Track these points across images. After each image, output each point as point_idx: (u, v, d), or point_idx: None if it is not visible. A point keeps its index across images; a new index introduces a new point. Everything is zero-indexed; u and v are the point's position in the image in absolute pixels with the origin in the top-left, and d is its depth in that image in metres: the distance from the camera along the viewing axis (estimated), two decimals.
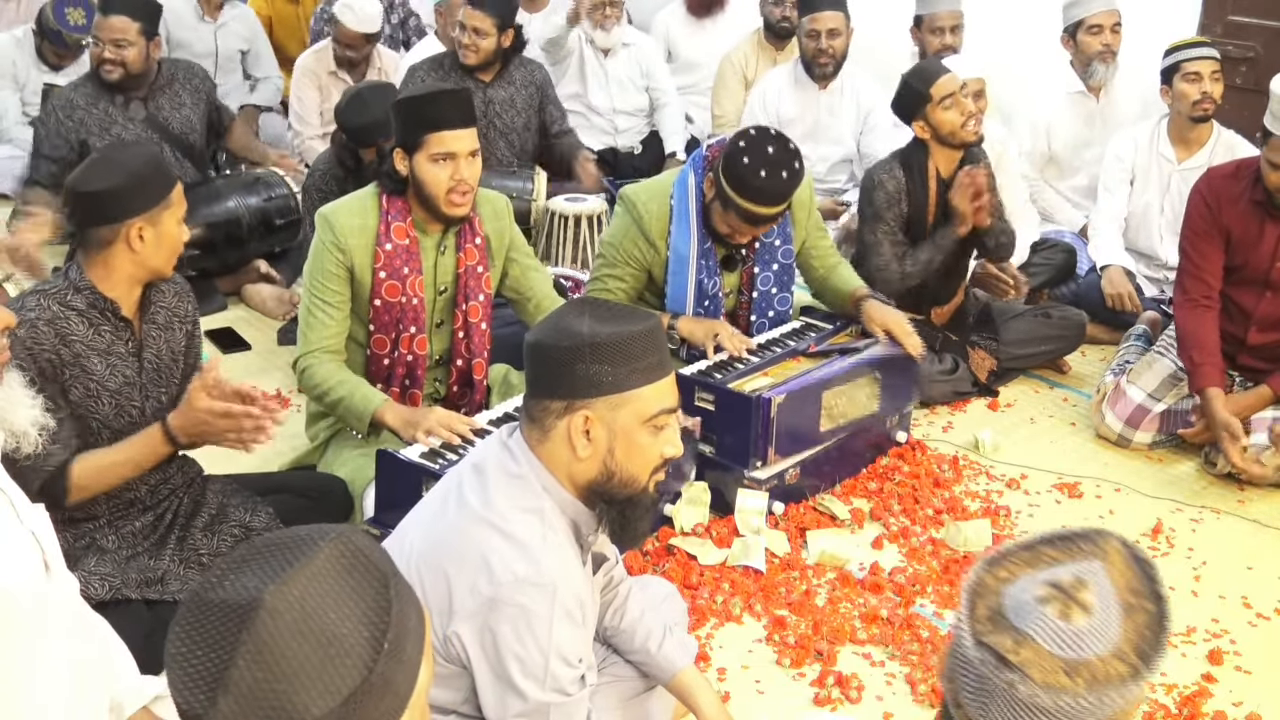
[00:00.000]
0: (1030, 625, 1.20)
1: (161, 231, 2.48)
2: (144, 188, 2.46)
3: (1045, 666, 1.18)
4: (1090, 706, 1.17)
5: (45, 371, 2.43)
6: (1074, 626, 1.19)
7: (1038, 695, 1.18)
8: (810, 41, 5.00)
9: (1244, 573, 3.21)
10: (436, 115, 2.87)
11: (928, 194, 3.91)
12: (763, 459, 3.20)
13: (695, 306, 3.47)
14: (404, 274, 2.99)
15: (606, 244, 3.53)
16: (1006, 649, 1.20)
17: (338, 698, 1.05)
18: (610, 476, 1.89)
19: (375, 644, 1.08)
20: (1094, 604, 1.20)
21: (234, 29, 5.93)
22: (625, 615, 2.27)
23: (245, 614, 1.05)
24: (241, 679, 1.04)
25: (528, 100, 4.97)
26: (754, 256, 3.51)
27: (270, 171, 4.78)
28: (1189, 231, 3.72)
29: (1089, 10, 4.70)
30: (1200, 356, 3.60)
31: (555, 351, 1.86)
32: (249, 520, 2.78)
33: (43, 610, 1.70)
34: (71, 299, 2.48)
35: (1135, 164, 4.45)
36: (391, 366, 3.07)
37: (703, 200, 3.39)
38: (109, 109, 4.46)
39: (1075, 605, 1.20)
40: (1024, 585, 1.23)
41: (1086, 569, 1.22)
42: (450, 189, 2.90)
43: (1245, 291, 3.66)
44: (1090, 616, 1.19)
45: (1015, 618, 1.21)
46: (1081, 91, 4.82)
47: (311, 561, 1.09)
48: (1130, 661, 1.18)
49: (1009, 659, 1.20)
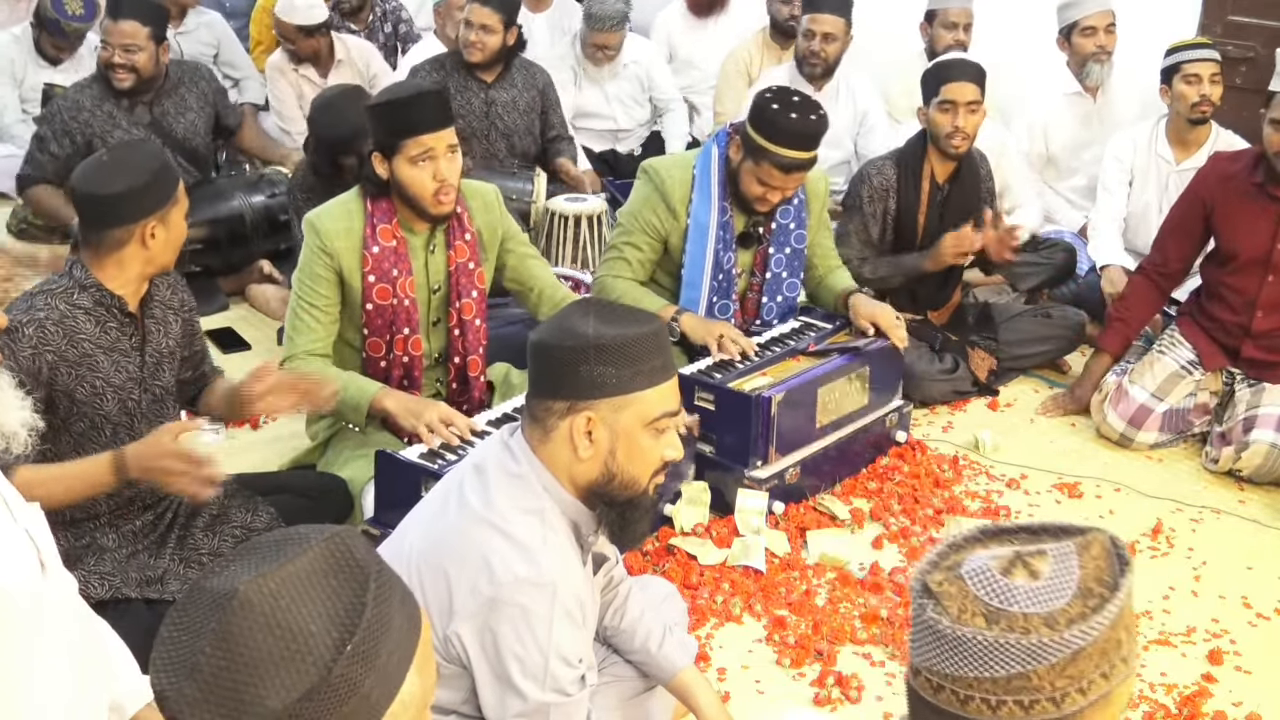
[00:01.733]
0: (967, 569, 1.21)
1: (171, 228, 2.51)
2: (156, 187, 2.48)
3: (965, 606, 1.18)
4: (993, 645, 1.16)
5: (42, 373, 2.43)
6: (1011, 582, 1.18)
7: (942, 621, 1.18)
8: (805, 40, 5.05)
9: (1244, 573, 3.21)
10: (413, 118, 2.85)
11: (919, 195, 3.92)
12: (763, 458, 3.21)
13: (710, 280, 3.48)
14: (393, 276, 2.98)
15: (625, 214, 3.55)
16: (935, 581, 1.21)
17: (295, 693, 1.05)
18: (611, 478, 1.89)
19: (339, 645, 1.07)
20: (1044, 573, 1.19)
21: (199, 35, 5.92)
22: (625, 615, 2.27)
23: (221, 603, 1.07)
24: (206, 665, 1.05)
25: (530, 103, 4.96)
26: (770, 236, 3.52)
27: (275, 170, 4.78)
28: (1173, 210, 3.86)
29: (1083, 12, 4.71)
30: (1124, 313, 3.90)
31: (559, 352, 1.85)
32: (250, 521, 2.78)
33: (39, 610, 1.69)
34: (78, 298, 2.49)
35: (1134, 165, 4.46)
36: (388, 369, 3.07)
37: (726, 169, 3.42)
38: (114, 112, 4.47)
39: (1023, 568, 1.20)
40: (994, 552, 1.23)
41: (1058, 547, 1.22)
42: (434, 190, 2.89)
43: (1247, 277, 3.67)
44: (1034, 581, 1.18)
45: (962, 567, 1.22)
46: (1078, 92, 4.82)
47: (297, 559, 1.10)
48: (1057, 629, 1.16)
49: (931, 587, 1.21)
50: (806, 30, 5.02)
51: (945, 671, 1.19)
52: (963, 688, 1.18)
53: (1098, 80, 4.77)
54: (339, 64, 5.41)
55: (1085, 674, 1.17)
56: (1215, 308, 3.77)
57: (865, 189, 3.94)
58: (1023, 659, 1.15)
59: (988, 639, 1.16)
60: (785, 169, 3.30)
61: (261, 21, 6.21)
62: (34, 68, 5.42)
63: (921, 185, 3.91)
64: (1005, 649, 1.15)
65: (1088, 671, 1.17)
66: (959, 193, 3.95)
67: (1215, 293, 3.78)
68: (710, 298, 3.50)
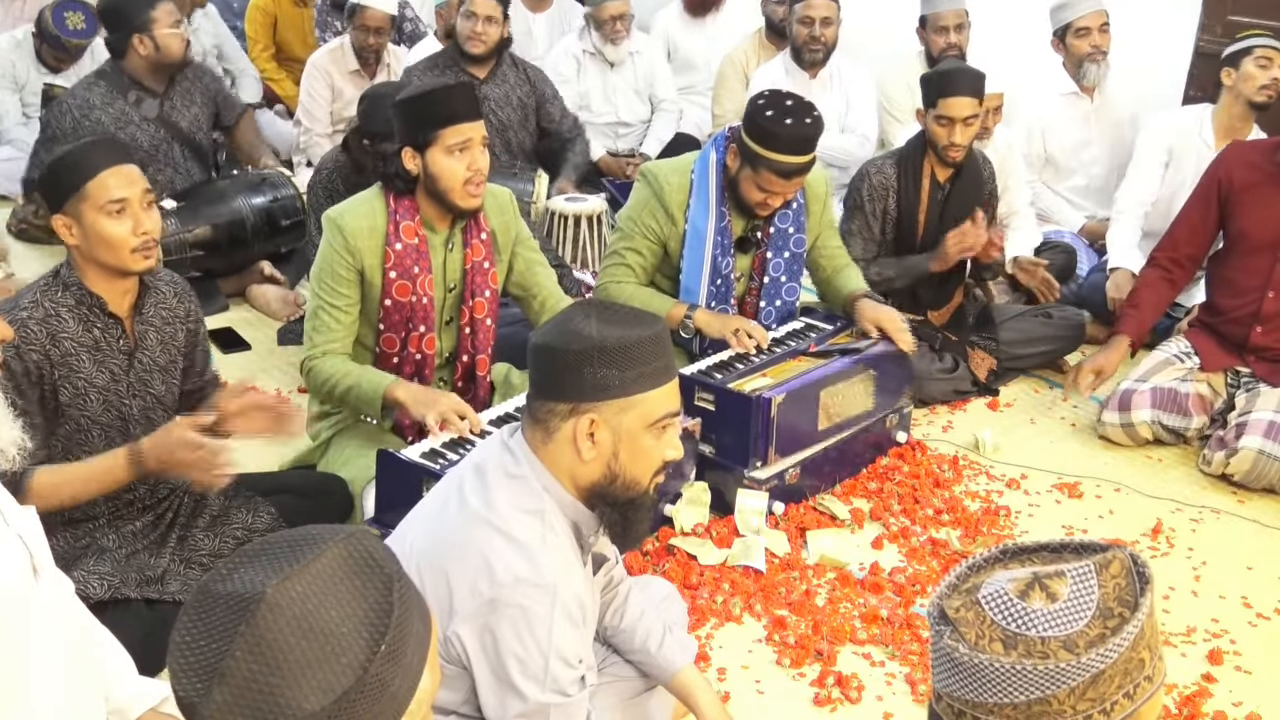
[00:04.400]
0: (984, 594, 1.20)
1: (88, 226, 2.44)
2: (54, 178, 2.45)
3: (983, 632, 1.18)
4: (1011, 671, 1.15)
5: (31, 373, 2.43)
6: (1028, 605, 1.17)
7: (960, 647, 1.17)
8: (803, 28, 5.11)
9: (1244, 573, 3.21)
10: (453, 108, 2.88)
11: (919, 195, 3.92)
12: (763, 459, 3.21)
13: (709, 285, 3.48)
14: (414, 273, 2.99)
15: (624, 218, 3.56)
16: (952, 608, 1.20)
17: (331, 695, 1.05)
18: (614, 479, 1.89)
19: (373, 645, 1.08)
20: (1062, 595, 1.18)
21: (204, 31, 5.94)
22: (625, 615, 2.27)
23: (246, 606, 1.06)
24: (237, 670, 1.04)
25: (523, 98, 4.99)
26: (768, 241, 3.52)
27: (277, 172, 4.76)
28: (1193, 196, 3.88)
29: (1076, 13, 4.72)
30: (1138, 301, 3.90)
31: (562, 354, 1.85)
32: (251, 521, 2.79)
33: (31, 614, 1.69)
34: (61, 296, 2.49)
35: (1172, 146, 4.44)
36: (400, 366, 3.07)
37: (724, 175, 3.43)
38: (124, 108, 4.47)
39: (1041, 591, 1.19)
40: (1013, 574, 1.22)
41: (1077, 567, 1.20)
42: (467, 180, 2.90)
43: (1258, 259, 3.69)
44: (1051, 604, 1.17)
45: (980, 591, 1.21)
46: (1075, 92, 4.82)
47: (318, 560, 1.10)
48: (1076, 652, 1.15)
49: (948, 613, 1.20)
50: (803, 18, 5.12)
51: (966, 698, 1.19)
52: (984, 713, 1.18)
53: (1095, 80, 4.77)
54: (383, 67, 5.42)
55: (1108, 695, 1.16)
56: (1223, 298, 3.78)
57: (865, 188, 3.94)
58: (1042, 684, 1.15)
59: (1005, 665, 1.15)
60: (785, 175, 3.31)
61: (256, 20, 6.21)
62: (34, 73, 5.43)
63: (922, 184, 3.92)
64: (1024, 675, 1.15)
65: (1109, 693, 1.16)
66: (960, 192, 3.95)
67: (1223, 282, 3.79)
68: (708, 303, 3.51)
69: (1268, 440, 3.50)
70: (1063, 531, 3.35)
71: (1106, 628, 1.16)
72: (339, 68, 5.34)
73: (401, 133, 2.93)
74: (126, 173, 2.47)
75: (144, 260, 2.49)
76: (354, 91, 5.26)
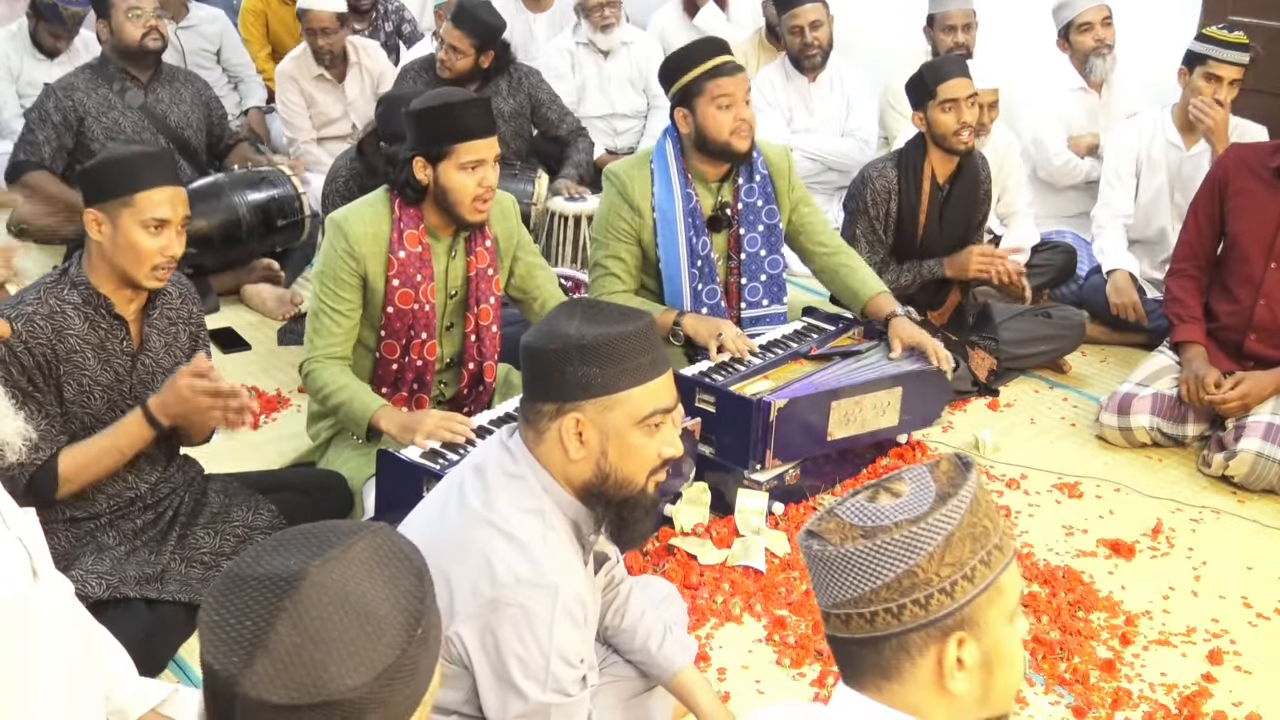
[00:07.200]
0: (840, 508, 1.34)
1: (121, 231, 2.45)
2: (106, 175, 2.46)
3: (845, 534, 1.30)
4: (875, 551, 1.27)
5: (40, 365, 2.44)
6: (877, 505, 1.31)
7: (828, 548, 1.30)
8: (795, 37, 5.12)
9: (1244, 573, 3.21)
10: (465, 125, 2.86)
11: (920, 196, 3.92)
12: (761, 462, 3.20)
13: (689, 268, 3.47)
14: (416, 281, 2.99)
15: (597, 227, 3.55)
16: (816, 527, 1.33)
17: (371, 672, 1.09)
18: (605, 478, 1.89)
19: (411, 628, 1.12)
20: (905, 492, 1.32)
21: (201, 30, 5.91)
22: (626, 615, 2.27)
23: (289, 584, 1.10)
24: (281, 643, 1.08)
25: (516, 108, 4.98)
26: (739, 217, 3.51)
27: (276, 170, 4.68)
28: (1196, 198, 3.87)
29: (1076, 10, 4.74)
30: (1181, 311, 3.79)
31: (545, 354, 1.86)
32: (251, 519, 2.79)
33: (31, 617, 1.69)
34: (67, 293, 2.50)
35: (1141, 153, 4.43)
36: (400, 371, 3.07)
37: (681, 150, 3.44)
38: (108, 94, 4.54)
39: (886, 493, 1.33)
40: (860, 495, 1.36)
41: (913, 470, 1.35)
42: (476, 196, 2.90)
43: (1250, 266, 3.67)
44: (897, 499, 1.31)
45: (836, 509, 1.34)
46: (1083, 88, 4.84)
47: (351, 547, 1.14)
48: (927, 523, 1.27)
49: (814, 531, 1.33)
50: (792, 28, 5.13)
51: (845, 598, 1.30)
52: (864, 606, 1.29)
53: (1102, 75, 4.78)
54: (353, 66, 5.39)
55: (965, 561, 1.28)
56: (1219, 303, 3.78)
57: (869, 193, 3.92)
58: (903, 555, 1.27)
59: (869, 548, 1.28)
60: (723, 74, 3.32)
61: (249, 22, 6.21)
62: (30, 63, 5.41)
63: (922, 185, 3.91)
64: (886, 551, 1.27)
65: (966, 558, 1.28)
66: (960, 192, 3.95)
67: (1219, 288, 3.79)
68: (693, 285, 3.48)
69: (1266, 442, 3.50)
70: (1063, 532, 3.35)
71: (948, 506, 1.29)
72: (304, 74, 5.32)
73: (414, 141, 2.92)
74: (175, 195, 2.51)
75: (157, 280, 2.53)
76: (325, 96, 5.28)
